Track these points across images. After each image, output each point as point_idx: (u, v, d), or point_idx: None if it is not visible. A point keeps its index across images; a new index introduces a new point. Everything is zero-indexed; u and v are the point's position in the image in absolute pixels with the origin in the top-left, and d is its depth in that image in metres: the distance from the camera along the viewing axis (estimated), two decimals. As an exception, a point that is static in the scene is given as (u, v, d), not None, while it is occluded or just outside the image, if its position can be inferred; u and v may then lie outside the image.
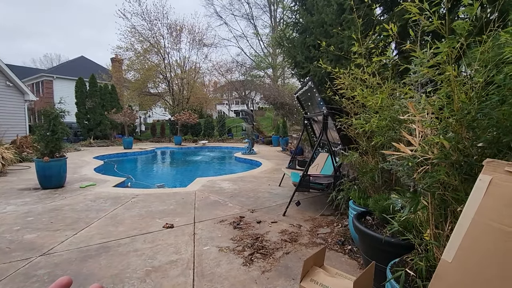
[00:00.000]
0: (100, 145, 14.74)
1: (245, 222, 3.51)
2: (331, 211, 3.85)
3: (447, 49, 1.02)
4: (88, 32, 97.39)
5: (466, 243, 0.79)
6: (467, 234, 0.80)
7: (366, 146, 2.64)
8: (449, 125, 1.10)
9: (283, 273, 2.36)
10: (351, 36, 3.16)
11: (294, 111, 10.69)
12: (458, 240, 0.80)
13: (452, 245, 0.81)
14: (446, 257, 0.81)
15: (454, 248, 0.80)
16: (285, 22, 6.05)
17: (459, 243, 0.80)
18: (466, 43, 1.16)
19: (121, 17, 19.81)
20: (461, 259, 0.78)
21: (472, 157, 1.08)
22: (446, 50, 1.01)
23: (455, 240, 0.81)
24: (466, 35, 1.09)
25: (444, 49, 1.00)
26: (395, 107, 1.75)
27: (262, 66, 24.86)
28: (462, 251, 0.79)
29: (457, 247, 0.80)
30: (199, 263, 2.52)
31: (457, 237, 0.80)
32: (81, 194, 4.83)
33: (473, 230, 0.79)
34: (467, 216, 0.81)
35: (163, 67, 20.80)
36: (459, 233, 0.81)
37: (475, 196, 0.82)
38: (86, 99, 15.91)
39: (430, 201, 1.47)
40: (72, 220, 3.56)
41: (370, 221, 2.37)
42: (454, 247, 0.80)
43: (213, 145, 16.56)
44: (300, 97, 5.27)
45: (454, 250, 0.80)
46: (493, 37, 1.06)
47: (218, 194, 4.90)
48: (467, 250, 0.78)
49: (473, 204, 0.82)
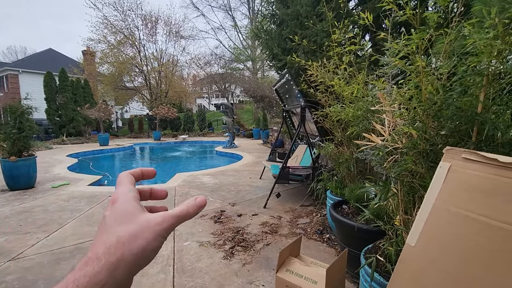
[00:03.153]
0: (73, 142, 14.10)
1: (226, 216, 3.51)
2: (311, 201, 3.93)
3: (418, 40, 1.05)
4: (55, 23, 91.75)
5: (427, 228, 0.83)
6: (428, 219, 0.84)
7: (341, 137, 2.71)
8: (417, 115, 1.14)
9: (264, 264, 2.39)
10: (324, 29, 3.19)
11: (274, 104, 10.72)
12: (421, 225, 0.84)
13: (415, 229, 0.84)
14: (409, 241, 0.84)
15: (417, 233, 0.84)
16: (262, 14, 5.99)
17: (421, 227, 0.84)
18: (435, 35, 1.19)
19: (91, 7, 18.76)
20: (424, 243, 0.83)
21: (437, 146, 1.13)
22: (417, 41, 1.04)
23: (417, 225, 0.85)
24: (435, 26, 1.13)
25: (416, 40, 1.03)
26: (368, 98, 1.80)
27: (242, 58, 24.65)
28: (424, 235, 0.83)
29: (419, 231, 0.84)
30: (179, 259, 2.50)
31: (420, 222, 0.84)
32: (53, 194, 4.61)
33: (434, 215, 0.83)
34: (429, 202, 0.85)
35: (138, 60, 20.06)
36: (422, 218, 0.84)
37: (435, 182, 0.86)
38: (57, 94, 15.08)
39: (399, 189, 1.53)
40: (44, 221, 3.40)
41: (346, 210, 2.44)
42: (417, 232, 0.84)
43: (194, 140, 16.32)
44: (279, 90, 5.28)
45: (417, 234, 0.84)
46: (457, 29, 1.10)
47: (199, 189, 4.86)
48: (428, 234, 0.82)
49: (434, 190, 0.86)
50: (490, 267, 0.74)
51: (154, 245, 0.31)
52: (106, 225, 0.32)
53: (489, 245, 0.75)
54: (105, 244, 0.30)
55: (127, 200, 0.34)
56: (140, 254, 0.30)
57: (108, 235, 0.31)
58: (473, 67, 1.05)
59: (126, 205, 0.34)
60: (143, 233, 0.31)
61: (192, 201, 0.37)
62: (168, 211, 0.35)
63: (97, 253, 0.29)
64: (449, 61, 1.20)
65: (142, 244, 0.30)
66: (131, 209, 0.33)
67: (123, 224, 0.32)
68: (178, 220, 0.34)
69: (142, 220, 0.32)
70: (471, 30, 1.06)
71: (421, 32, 1.06)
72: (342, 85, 1.99)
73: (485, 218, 0.77)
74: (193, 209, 0.36)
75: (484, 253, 0.76)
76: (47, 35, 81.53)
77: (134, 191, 0.36)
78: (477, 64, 1.02)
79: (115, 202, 0.34)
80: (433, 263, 0.81)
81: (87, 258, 0.29)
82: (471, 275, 0.76)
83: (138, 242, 0.30)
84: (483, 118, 1.03)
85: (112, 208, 0.34)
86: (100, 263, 0.28)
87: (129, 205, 0.34)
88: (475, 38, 1.00)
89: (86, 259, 0.29)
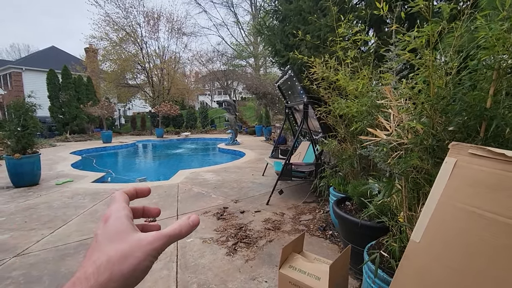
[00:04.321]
0: (77, 139, 14.18)
1: (229, 213, 3.51)
2: (314, 198, 3.92)
3: (430, 32, 1.03)
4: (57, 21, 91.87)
5: (432, 224, 0.82)
6: (433, 215, 0.82)
7: (344, 133, 2.69)
8: (424, 110, 1.12)
9: (266, 260, 2.39)
10: (328, 24, 3.16)
11: (277, 101, 10.68)
12: (426, 221, 0.83)
13: (420, 225, 0.83)
14: (414, 237, 0.83)
15: (421, 229, 0.83)
16: (265, 10, 5.95)
17: (426, 223, 0.83)
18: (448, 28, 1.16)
19: (93, 5, 18.66)
20: (428, 239, 0.82)
21: (444, 142, 1.12)
22: (429, 33, 1.02)
23: (422, 221, 0.83)
24: (447, 18, 1.10)
25: (427, 32, 1.01)
26: (373, 93, 1.78)
27: (244, 55, 24.52)
28: (429, 231, 0.82)
29: (424, 227, 0.83)
30: (182, 255, 2.51)
31: (425, 218, 0.83)
32: (57, 191, 4.64)
33: (439, 211, 0.82)
34: (434, 198, 0.84)
35: (141, 57, 20.05)
36: (427, 214, 0.83)
37: (441, 178, 0.85)
38: (60, 92, 15.15)
39: (403, 185, 1.52)
40: (48, 218, 3.43)
41: (349, 206, 2.43)
42: (422, 228, 0.83)
43: (196, 137, 16.35)
44: (281, 86, 5.26)
45: (421, 230, 0.83)
46: (469, 22, 1.08)
47: (202, 186, 4.87)
48: (433, 230, 0.81)
49: (439, 186, 0.84)
50: (494, 262, 0.73)
51: (145, 265, 0.31)
52: (97, 244, 0.32)
53: (494, 240, 0.74)
54: (95, 263, 0.30)
55: (119, 218, 0.34)
56: (130, 274, 0.30)
57: (99, 253, 0.31)
58: (483, 61, 1.03)
59: (118, 223, 0.34)
60: (134, 253, 0.31)
61: (185, 220, 0.37)
62: (160, 231, 0.35)
63: (86, 272, 0.29)
64: (459, 55, 1.18)
65: (133, 263, 0.30)
66: (123, 228, 0.33)
67: (114, 243, 0.32)
68: (170, 239, 0.34)
69: (134, 239, 0.32)
70: (483, 22, 1.03)
71: (433, 24, 1.03)
72: (347, 80, 1.97)
73: (491, 213, 0.76)
74: (185, 229, 0.36)
75: (488, 248, 0.75)
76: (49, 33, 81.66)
77: (127, 209, 0.36)
78: (488, 57, 1.00)
79: (107, 220, 0.34)
80: (437, 259, 0.80)
81: (75, 278, 0.29)
82: (476, 270, 0.75)
83: (128, 262, 0.30)
84: (492, 113, 1.01)
85: (104, 226, 0.34)
86: (89, 283, 0.28)
87: (121, 224, 0.34)
88: (486, 31, 0.98)
89: (74, 279, 0.29)
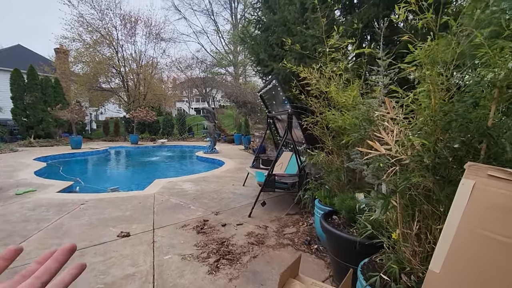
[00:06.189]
0: (42, 145, 13.20)
1: (210, 226, 3.34)
2: (296, 210, 3.85)
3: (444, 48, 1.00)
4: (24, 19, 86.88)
5: (453, 252, 0.76)
6: (453, 242, 0.76)
7: (331, 146, 2.66)
8: (426, 125, 1.08)
9: (251, 279, 2.26)
10: (315, 35, 3.17)
11: (258, 110, 10.65)
12: (445, 249, 0.76)
13: (439, 254, 0.77)
14: (433, 267, 0.76)
15: (441, 258, 0.76)
16: (247, 19, 5.94)
17: (445, 252, 0.76)
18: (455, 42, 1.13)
19: (65, 4, 17.76)
20: (449, 268, 0.75)
21: (445, 159, 1.08)
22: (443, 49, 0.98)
23: (441, 250, 0.77)
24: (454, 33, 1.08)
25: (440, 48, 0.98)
26: (363, 106, 1.75)
27: (223, 63, 24.47)
28: (449, 260, 0.75)
29: (444, 256, 0.76)
30: (159, 274, 2.30)
31: (444, 246, 0.77)
32: (17, 202, 4.20)
33: (459, 238, 0.76)
34: (452, 224, 0.78)
35: (116, 61, 19.31)
36: (445, 241, 0.77)
37: (458, 201, 0.79)
38: (25, 93, 14.10)
39: (398, 202, 1.48)
40: (5, 233, 3.06)
41: (337, 220, 2.38)
42: (441, 257, 0.76)
43: (173, 144, 15.87)
44: (264, 96, 5.22)
45: (441, 260, 0.76)
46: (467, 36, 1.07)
47: (179, 197, 4.64)
48: (454, 259, 0.75)
49: (457, 211, 0.79)
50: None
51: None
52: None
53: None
54: None
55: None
56: None
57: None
58: (484, 78, 1.01)
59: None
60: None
61: None
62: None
63: None
64: (461, 71, 1.17)
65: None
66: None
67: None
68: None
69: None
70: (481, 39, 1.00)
71: (441, 38, 1.00)
72: (339, 92, 1.94)
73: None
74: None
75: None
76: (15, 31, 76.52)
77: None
78: (489, 75, 0.98)
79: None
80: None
81: None
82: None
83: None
84: (494, 132, 0.99)
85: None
86: None
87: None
88: (487, 48, 0.97)
89: None
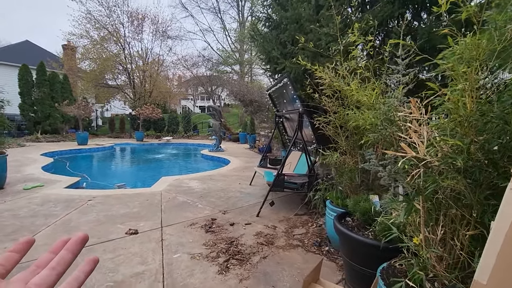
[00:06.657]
0: (49, 140, 13.31)
1: (218, 225, 3.31)
2: (305, 210, 3.80)
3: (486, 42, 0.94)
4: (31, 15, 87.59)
5: (501, 262, 0.70)
6: (501, 251, 0.71)
7: (345, 146, 2.60)
8: (459, 126, 1.03)
9: (262, 280, 2.22)
10: (329, 33, 3.11)
11: (265, 109, 10.59)
12: (492, 259, 0.71)
13: (485, 265, 0.71)
14: (479, 278, 0.71)
15: (488, 268, 0.71)
16: (256, 16, 5.88)
17: (493, 262, 0.70)
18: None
19: (73, 0, 17.86)
20: (498, 281, 0.69)
21: (479, 161, 1.02)
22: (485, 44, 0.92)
23: (488, 259, 0.71)
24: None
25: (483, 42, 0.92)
26: (383, 106, 1.69)
27: (230, 62, 24.45)
28: (497, 270, 0.70)
29: (491, 267, 0.70)
30: (169, 273, 2.27)
31: (491, 256, 0.71)
32: (25, 197, 4.21)
33: (508, 246, 0.70)
34: (500, 232, 0.72)
35: (122, 58, 19.41)
36: (493, 250, 0.72)
37: (507, 208, 0.74)
38: (33, 89, 14.23)
39: (422, 205, 1.42)
40: (13, 228, 3.06)
41: (350, 223, 2.32)
42: (489, 267, 0.71)
43: (178, 142, 15.90)
44: (273, 94, 5.16)
45: (488, 270, 0.70)
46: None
47: (186, 194, 4.61)
48: (503, 269, 0.69)
49: (505, 218, 0.73)
50: None
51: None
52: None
53: None
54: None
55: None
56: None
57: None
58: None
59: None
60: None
61: None
62: None
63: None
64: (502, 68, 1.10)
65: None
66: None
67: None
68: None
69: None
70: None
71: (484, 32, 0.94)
72: (360, 90, 1.88)
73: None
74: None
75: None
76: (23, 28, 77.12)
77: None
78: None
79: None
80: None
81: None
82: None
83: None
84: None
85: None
86: None
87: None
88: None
89: None
